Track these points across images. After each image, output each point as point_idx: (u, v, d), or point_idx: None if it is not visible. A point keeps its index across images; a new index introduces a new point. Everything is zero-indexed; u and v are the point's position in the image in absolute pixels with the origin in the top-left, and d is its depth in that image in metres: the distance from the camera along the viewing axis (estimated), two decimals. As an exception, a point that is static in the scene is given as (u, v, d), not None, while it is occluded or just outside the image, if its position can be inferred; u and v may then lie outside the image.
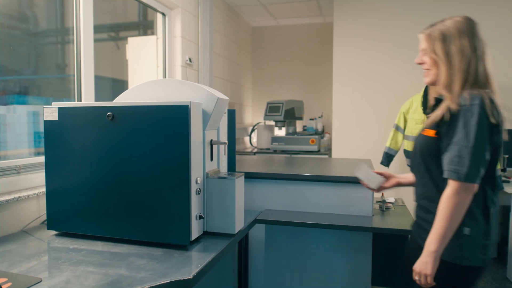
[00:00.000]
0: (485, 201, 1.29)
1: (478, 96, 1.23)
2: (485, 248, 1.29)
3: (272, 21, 5.19)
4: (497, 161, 1.31)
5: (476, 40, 1.32)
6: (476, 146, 1.20)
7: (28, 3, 2.11)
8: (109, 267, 1.26)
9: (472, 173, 1.20)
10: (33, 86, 2.18)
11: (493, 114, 1.22)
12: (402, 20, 4.03)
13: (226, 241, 1.53)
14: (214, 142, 1.64)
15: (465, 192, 1.21)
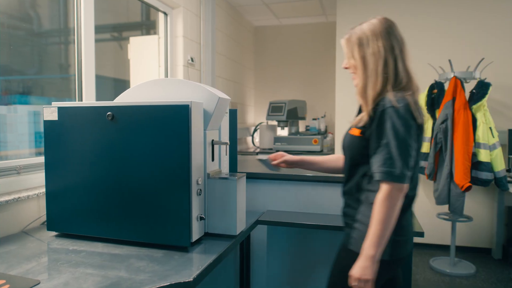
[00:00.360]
0: None
1: (403, 99, 1.25)
2: (395, 244, 1.29)
3: (275, 20, 5.17)
4: (417, 160, 1.34)
5: (393, 40, 1.33)
6: (405, 147, 1.22)
7: (31, 4, 2.11)
8: (109, 269, 1.24)
9: (404, 173, 1.22)
10: (35, 86, 2.18)
11: (418, 116, 1.26)
12: (405, 20, 3.99)
13: (227, 243, 1.51)
14: (215, 142, 1.62)
15: (398, 192, 1.22)
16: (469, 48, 3.79)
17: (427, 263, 3.58)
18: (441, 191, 3.28)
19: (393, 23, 1.37)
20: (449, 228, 3.77)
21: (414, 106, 1.26)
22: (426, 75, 3.83)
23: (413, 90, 1.32)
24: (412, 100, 1.27)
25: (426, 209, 3.93)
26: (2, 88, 1.94)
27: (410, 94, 1.28)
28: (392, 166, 1.21)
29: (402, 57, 1.33)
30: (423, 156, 3.55)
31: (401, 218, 1.30)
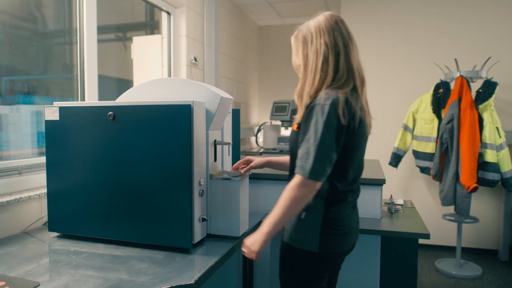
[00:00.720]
0: (331, 194, 1.32)
1: (332, 97, 1.24)
2: (325, 236, 1.31)
3: (279, 20, 5.14)
4: (353, 161, 1.33)
5: (337, 36, 1.31)
6: (321, 145, 1.22)
7: (36, 4, 2.10)
8: (110, 271, 1.22)
9: (316, 171, 1.22)
10: (40, 86, 2.18)
11: (344, 115, 1.23)
12: (410, 19, 3.95)
13: (230, 244, 1.49)
14: (217, 142, 1.60)
15: (306, 187, 1.23)
16: (475, 47, 3.75)
17: (432, 265, 3.55)
18: (447, 192, 3.24)
19: (339, 18, 1.35)
20: (455, 229, 3.73)
21: (344, 104, 1.24)
22: (431, 75, 3.79)
23: (355, 86, 1.32)
24: (343, 98, 1.25)
25: (431, 210, 3.89)
26: (7, 88, 1.94)
27: (344, 92, 1.27)
28: (306, 162, 1.23)
29: (346, 53, 1.31)
30: (429, 156, 3.51)
31: (334, 211, 1.33)
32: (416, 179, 4.00)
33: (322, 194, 1.32)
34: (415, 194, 3.98)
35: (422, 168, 3.60)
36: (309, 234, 1.33)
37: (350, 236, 1.38)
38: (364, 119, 1.32)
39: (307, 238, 1.33)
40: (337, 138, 1.24)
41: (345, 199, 1.35)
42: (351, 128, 1.27)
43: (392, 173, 3.93)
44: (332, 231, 1.33)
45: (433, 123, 3.48)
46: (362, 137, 1.33)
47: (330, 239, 1.33)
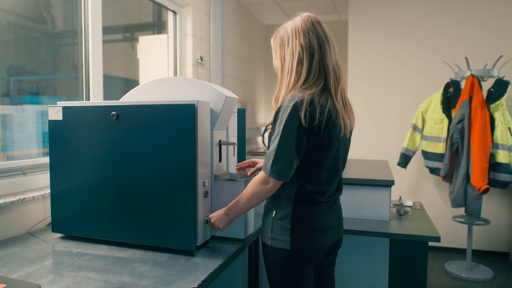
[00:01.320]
0: (299, 194, 1.33)
1: (296, 98, 1.25)
2: (298, 234, 1.32)
3: (286, 19, 5.08)
4: (324, 162, 1.33)
5: (313, 37, 1.31)
6: (281, 146, 1.25)
7: (45, 5, 2.10)
8: (112, 273, 1.20)
9: (276, 170, 1.26)
10: (47, 86, 2.18)
11: (305, 117, 1.23)
12: (419, 17, 3.89)
13: (235, 247, 1.46)
14: (222, 142, 1.58)
15: (267, 184, 1.29)
16: (486, 45, 3.67)
17: (442, 267, 3.48)
18: (457, 193, 3.17)
19: (316, 19, 1.36)
20: (465, 231, 3.66)
21: (307, 105, 1.23)
22: (441, 74, 3.73)
23: (327, 87, 1.31)
24: (308, 99, 1.24)
25: (441, 211, 3.83)
26: (15, 88, 1.94)
27: (311, 93, 1.27)
28: (268, 160, 1.27)
29: (320, 54, 1.31)
30: (438, 157, 3.44)
31: (304, 209, 1.34)
32: (425, 180, 3.94)
33: (290, 194, 1.34)
34: (424, 196, 3.91)
35: (431, 168, 3.54)
36: (280, 232, 1.35)
37: (325, 234, 1.37)
38: (335, 119, 1.30)
39: (279, 236, 1.35)
40: (298, 139, 1.25)
41: (315, 199, 1.35)
42: (316, 129, 1.26)
43: (400, 174, 3.87)
44: (303, 229, 1.34)
45: (443, 123, 3.42)
46: (332, 138, 1.31)
47: (302, 236, 1.33)
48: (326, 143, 1.30)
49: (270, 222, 1.38)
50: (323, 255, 1.41)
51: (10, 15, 1.87)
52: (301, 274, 1.36)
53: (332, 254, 1.50)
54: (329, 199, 1.40)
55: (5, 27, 1.84)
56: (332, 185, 1.39)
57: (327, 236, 1.38)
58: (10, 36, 1.86)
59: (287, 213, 1.34)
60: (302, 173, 1.32)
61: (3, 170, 1.63)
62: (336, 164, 1.38)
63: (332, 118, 1.29)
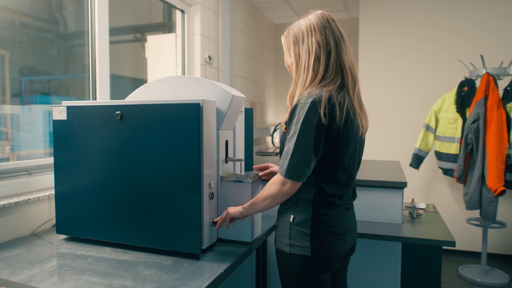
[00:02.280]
0: (318, 196, 1.28)
1: (314, 95, 1.20)
2: (318, 239, 1.27)
3: (296, 18, 5.04)
4: (342, 163, 1.27)
5: (329, 35, 1.28)
6: (299, 145, 1.20)
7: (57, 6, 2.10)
8: (114, 277, 1.17)
9: (293, 171, 1.21)
10: (58, 86, 2.17)
11: (325, 114, 1.18)
12: (432, 15, 3.80)
13: (242, 250, 1.42)
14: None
15: (283, 186, 1.23)
16: (502, 42, 3.56)
17: (456, 271, 3.39)
18: (472, 195, 3.08)
19: (331, 17, 1.32)
20: (480, 234, 3.56)
21: (326, 102, 1.19)
22: (455, 72, 3.63)
23: (344, 85, 1.27)
24: (326, 96, 1.20)
25: (455, 214, 3.73)
26: (26, 88, 1.94)
27: (329, 90, 1.22)
28: (285, 161, 1.22)
29: (337, 51, 1.27)
30: (452, 157, 3.35)
31: (324, 213, 1.28)
32: (439, 182, 3.84)
33: (309, 197, 1.29)
34: (437, 198, 3.82)
35: (445, 170, 3.45)
36: (299, 238, 1.29)
37: (344, 238, 1.32)
38: (353, 118, 1.26)
39: (298, 242, 1.29)
40: (317, 137, 1.19)
41: (333, 202, 1.30)
42: (335, 127, 1.21)
43: (413, 175, 3.78)
44: (323, 233, 1.28)
45: (457, 122, 3.33)
46: (350, 138, 1.26)
47: (322, 241, 1.28)
48: (344, 143, 1.25)
49: (287, 227, 1.31)
50: (341, 261, 1.35)
51: (22, 16, 1.87)
52: (319, 282, 1.31)
53: (346, 259, 1.44)
54: (347, 202, 1.35)
55: (18, 28, 1.84)
56: (350, 187, 1.34)
57: (346, 240, 1.33)
58: (23, 37, 1.87)
59: (306, 218, 1.28)
60: (321, 175, 1.27)
61: (8, 171, 1.61)
62: (353, 166, 1.33)
63: (350, 116, 1.24)
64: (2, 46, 1.77)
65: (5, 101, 1.80)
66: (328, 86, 1.24)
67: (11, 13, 1.81)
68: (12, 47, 1.81)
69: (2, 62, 1.82)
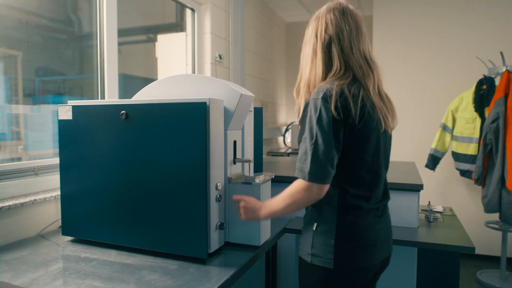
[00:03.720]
0: (342, 200, 1.18)
1: (324, 90, 1.13)
2: (342, 250, 1.17)
3: (308, 16, 4.97)
4: (364, 160, 1.18)
5: (342, 26, 1.21)
6: (318, 143, 1.11)
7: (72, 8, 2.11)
8: (117, 282, 1.13)
9: (316, 172, 1.11)
10: (72, 86, 2.18)
11: (337, 108, 1.10)
12: (449, 11, 3.68)
13: (250, 254, 1.37)
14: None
15: (309, 191, 1.13)
16: (523, 39, 3.43)
17: (473, 276, 3.27)
18: (491, 198, 2.96)
19: (347, 7, 1.24)
20: (499, 238, 3.44)
21: (337, 96, 1.11)
22: (473, 70, 3.51)
23: (356, 77, 1.19)
24: (338, 90, 1.13)
25: (473, 216, 3.60)
26: (39, 88, 1.94)
27: (340, 84, 1.14)
28: (304, 163, 1.13)
29: (350, 43, 1.20)
30: (470, 158, 3.24)
31: (350, 221, 1.18)
32: (456, 183, 3.72)
33: (332, 201, 1.19)
34: (454, 200, 3.70)
35: (462, 171, 3.34)
36: (322, 248, 1.19)
37: (374, 249, 1.20)
38: (371, 112, 1.17)
39: (320, 253, 1.19)
40: (334, 134, 1.12)
41: (360, 207, 1.19)
42: (350, 121, 1.13)
43: (429, 176, 3.67)
44: (349, 244, 1.18)
45: (475, 122, 3.21)
46: (370, 133, 1.17)
47: (347, 253, 1.17)
48: (363, 138, 1.16)
49: (311, 235, 1.23)
50: (371, 275, 1.24)
51: (34, 17, 1.87)
52: None
53: (378, 274, 1.32)
54: (377, 206, 1.24)
55: (30, 28, 1.84)
56: (378, 188, 1.23)
57: (376, 252, 1.21)
58: (35, 38, 1.87)
59: (331, 226, 1.19)
60: (342, 175, 1.17)
61: (14, 171, 1.60)
62: (378, 164, 1.23)
63: (367, 110, 1.16)
64: (14, 47, 1.76)
65: (18, 101, 1.80)
66: (341, 79, 1.17)
67: (24, 14, 1.81)
68: (25, 48, 1.81)
69: (14, 63, 1.82)
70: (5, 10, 1.68)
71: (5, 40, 1.70)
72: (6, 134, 1.75)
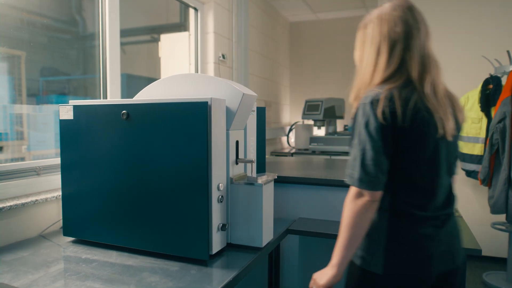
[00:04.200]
0: (394, 204, 1.14)
1: (373, 94, 1.11)
2: (394, 257, 1.12)
3: (311, 15, 4.95)
4: (417, 166, 1.12)
5: (398, 24, 1.16)
6: (366, 148, 1.09)
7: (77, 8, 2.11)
8: (117, 283, 1.12)
9: (366, 178, 1.08)
10: (77, 86, 2.17)
11: (384, 113, 1.07)
12: (454, 9, 3.64)
13: (252, 256, 1.35)
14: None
15: (360, 198, 1.10)
16: (530, 38, 3.38)
17: (479, 278, 3.23)
18: (498, 199, 2.92)
19: (406, 5, 1.19)
20: (505, 239, 3.39)
21: (386, 101, 1.08)
22: (479, 69, 3.47)
23: (411, 79, 1.14)
24: (386, 94, 1.09)
25: (479, 218, 3.56)
26: (43, 88, 1.93)
27: (390, 88, 1.11)
28: (354, 169, 1.11)
29: (406, 43, 1.15)
30: (476, 159, 3.20)
31: (403, 228, 1.13)
32: (461, 184, 3.68)
33: (383, 206, 1.14)
34: (460, 201, 3.63)
35: (468, 171, 3.30)
36: (372, 252, 1.15)
37: (429, 261, 1.11)
38: (426, 116, 1.10)
39: (370, 256, 1.15)
40: (382, 139, 1.08)
41: (413, 213, 1.13)
42: (398, 125, 1.08)
43: (434, 176, 3.63)
44: (400, 251, 1.12)
45: (481, 122, 3.17)
46: (424, 138, 1.11)
47: (398, 260, 1.12)
48: (415, 143, 1.11)
49: (364, 238, 1.17)
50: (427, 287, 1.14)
51: (37, 17, 1.87)
52: None
53: None
54: (435, 214, 1.14)
55: (33, 28, 1.84)
56: (436, 196, 1.14)
57: (432, 264, 1.12)
58: (39, 38, 1.86)
59: (382, 231, 1.14)
60: (394, 179, 1.13)
61: (16, 171, 1.59)
62: (435, 170, 1.14)
63: (421, 114, 1.10)
64: (18, 47, 1.76)
65: (22, 101, 1.79)
66: (395, 81, 1.13)
67: (26, 14, 1.81)
68: (28, 48, 1.80)
69: (18, 63, 1.81)
70: (8, 10, 1.67)
71: (9, 40, 1.69)
72: (9, 134, 1.74)
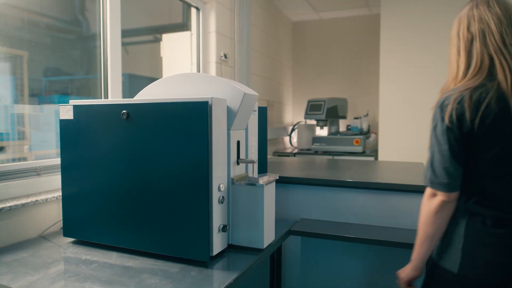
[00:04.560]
0: (471, 207, 1.14)
1: (445, 96, 1.13)
2: (470, 257, 1.11)
3: (314, 14, 4.93)
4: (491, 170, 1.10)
5: (476, 21, 1.15)
6: (435, 151, 1.13)
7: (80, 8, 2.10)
8: (117, 285, 1.11)
9: (436, 180, 1.13)
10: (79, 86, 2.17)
11: (451, 116, 1.08)
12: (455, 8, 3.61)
13: (253, 257, 1.33)
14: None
15: (434, 198, 1.14)
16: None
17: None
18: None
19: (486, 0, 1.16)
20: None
21: (455, 104, 1.08)
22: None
23: (493, 77, 1.09)
24: (459, 95, 1.08)
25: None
26: (46, 88, 1.93)
27: (463, 89, 1.09)
28: (428, 170, 1.16)
29: (485, 40, 1.12)
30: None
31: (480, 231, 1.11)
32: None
33: (460, 207, 1.16)
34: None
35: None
36: (449, 250, 1.16)
37: (505, 265, 1.08)
38: (501, 118, 1.06)
39: (447, 254, 1.16)
40: (450, 143, 1.10)
41: (489, 215, 1.10)
42: (466, 129, 1.07)
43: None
44: (477, 252, 1.10)
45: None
46: (495, 141, 1.07)
47: (476, 258, 1.10)
48: (486, 147, 1.08)
49: (443, 237, 1.19)
50: None
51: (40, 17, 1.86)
52: None
53: None
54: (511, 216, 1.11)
55: (36, 28, 1.84)
56: None
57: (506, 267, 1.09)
58: (42, 38, 1.86)
59: (459, 232, 1.14)
60: (468, 181, 1.13)
61: (16, 171, 1.58)
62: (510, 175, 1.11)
63: (493, 117, 1.06)
64: (20, 47, 1.75)
65: (24, 101, 1.79)
66: (471, 82, 1.10)
67: (28, 14, 1.80)
68: (30, 48, 1.80)
69: (20, 63, 1.81)
70: (10, 9, 1.67)
71: (11, 40, 1.69)
72: (10, 134, 1.74)
